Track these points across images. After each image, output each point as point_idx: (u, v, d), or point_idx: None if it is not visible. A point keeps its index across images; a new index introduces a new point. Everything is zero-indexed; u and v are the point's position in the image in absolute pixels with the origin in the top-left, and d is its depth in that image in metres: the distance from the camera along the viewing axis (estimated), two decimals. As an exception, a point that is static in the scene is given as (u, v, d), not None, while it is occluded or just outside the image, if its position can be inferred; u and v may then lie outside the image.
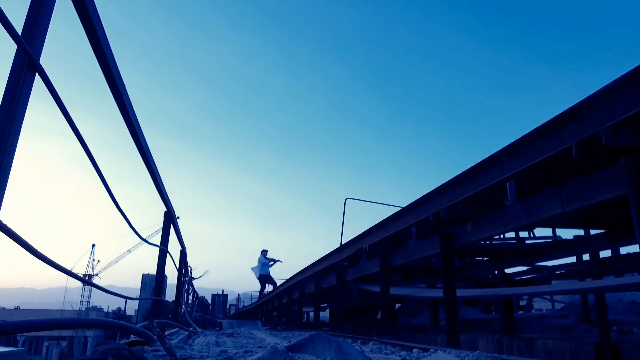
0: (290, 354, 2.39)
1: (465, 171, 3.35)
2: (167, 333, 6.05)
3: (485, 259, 6.13)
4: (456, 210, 3.54)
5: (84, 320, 2.11)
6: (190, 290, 12.06)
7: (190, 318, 11.18)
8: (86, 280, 2.42)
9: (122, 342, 2.41)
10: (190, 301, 12.25)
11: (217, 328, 9.79)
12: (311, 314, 12.32)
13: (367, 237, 5.52)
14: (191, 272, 11.82)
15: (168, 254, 6.20)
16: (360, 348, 2.79)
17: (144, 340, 2.53)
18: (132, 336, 2.80)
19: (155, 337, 2.83)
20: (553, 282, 7.01)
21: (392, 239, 5.03)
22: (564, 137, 2.52)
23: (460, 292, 4.07)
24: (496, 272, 6.73)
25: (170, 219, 6.10)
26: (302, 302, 10.57)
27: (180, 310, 9.47)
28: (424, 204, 4.02)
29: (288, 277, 11.55)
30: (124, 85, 2.90)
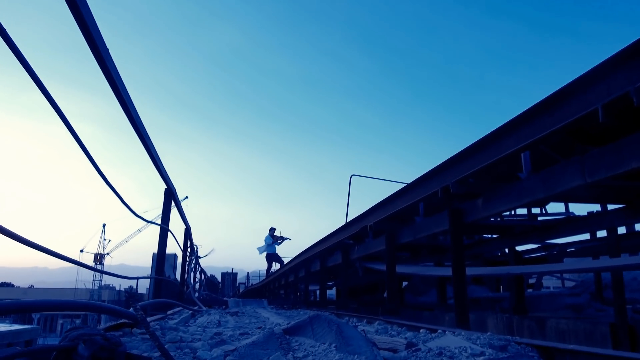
0: (287, 337, 2.23)
1: (476, 142, 3.12)
2: (169, 312, 5.97)
3: (495, 236, 5.93)
4: (466, 184, 3.31)
5: (62, 303, 1.95)
6: (196, 269, 12.03)
7: (197, 296, 11.17)
8: (71, 259, 2.25)
9: (108, 324, 2.26)
10: (197, 279, 12.24)
11: (223, 307, 9.76)
12: (318, 292, 12.29)
13: (372, 215, 5.32)
14: (197, 251, 11.76)
15: (170, 233, 6.07)
16: (364, 331, 2.61)
17: (132, 323, 2.38)
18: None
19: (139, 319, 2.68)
20: (565, 259, 6.81)
21: (398, 216, 4.83)
22: (588, 100, 2.27)
23: (470, 271, 3.87)
24: (506, 249, 6.54)
25: (170, 196, 5.95)
26: (308, 280, 10.48)
27: (187, 289, 9.43)
28: (432, 179, 3.80)
29: (294, 255, 11.47)
30: (107, 49, 2.68)
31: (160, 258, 5.76)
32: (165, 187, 5.86)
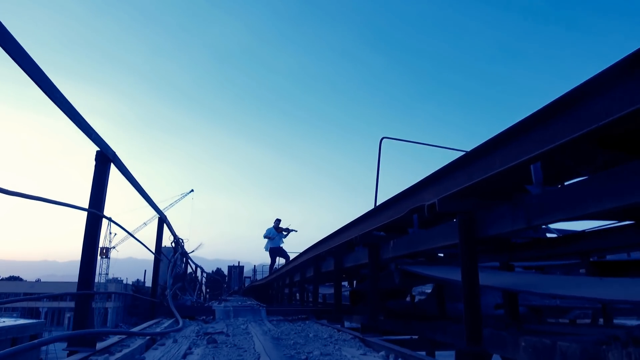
0: None
1: None
2: (109, 344, 3.83)
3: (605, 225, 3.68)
4: None
5: None
6: (180, 270, 9.93)
7: (179, 303, 9.08)
8: None
9: None
10: (181, 282, 10.11)
11: (211, 317, 7.69)
12: (329, 294, 10.16)
13: (431, 188, 3.11)
14: (183, 246, 9.68)
15: (106, 219, 3.92)
16: None
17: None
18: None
19: None
20: None
21: (485, 188, 2.65)
22: None
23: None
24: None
25: (105, 163, 3.76)
26: (317, 281, 8.33)
27: (166, 292, 7.37)
28: (608, 86, 1.59)
29: (302, 250, 9.30)
30: None
31: (88, 260, 3.57)
32: (97, 149, 3.67)
